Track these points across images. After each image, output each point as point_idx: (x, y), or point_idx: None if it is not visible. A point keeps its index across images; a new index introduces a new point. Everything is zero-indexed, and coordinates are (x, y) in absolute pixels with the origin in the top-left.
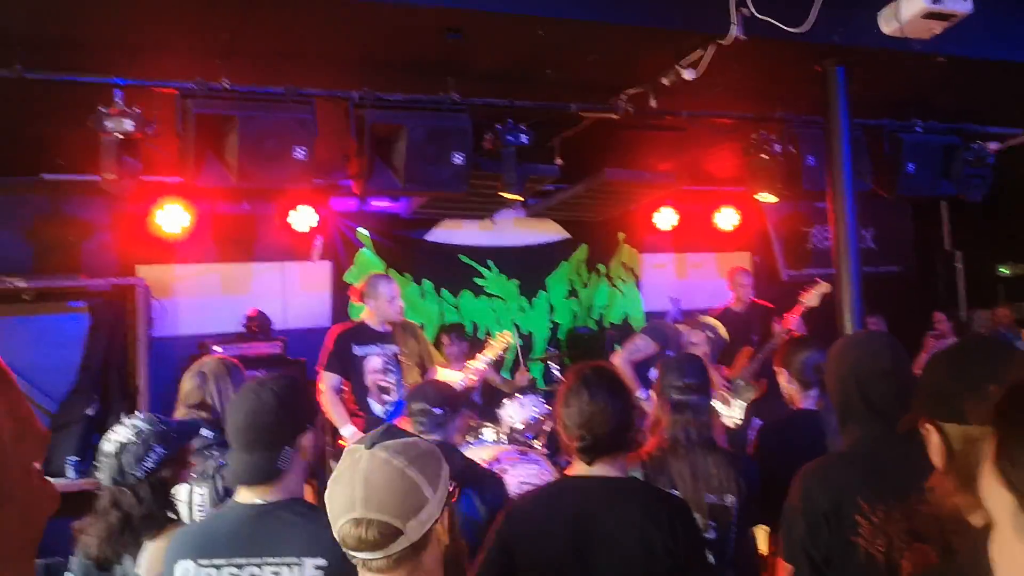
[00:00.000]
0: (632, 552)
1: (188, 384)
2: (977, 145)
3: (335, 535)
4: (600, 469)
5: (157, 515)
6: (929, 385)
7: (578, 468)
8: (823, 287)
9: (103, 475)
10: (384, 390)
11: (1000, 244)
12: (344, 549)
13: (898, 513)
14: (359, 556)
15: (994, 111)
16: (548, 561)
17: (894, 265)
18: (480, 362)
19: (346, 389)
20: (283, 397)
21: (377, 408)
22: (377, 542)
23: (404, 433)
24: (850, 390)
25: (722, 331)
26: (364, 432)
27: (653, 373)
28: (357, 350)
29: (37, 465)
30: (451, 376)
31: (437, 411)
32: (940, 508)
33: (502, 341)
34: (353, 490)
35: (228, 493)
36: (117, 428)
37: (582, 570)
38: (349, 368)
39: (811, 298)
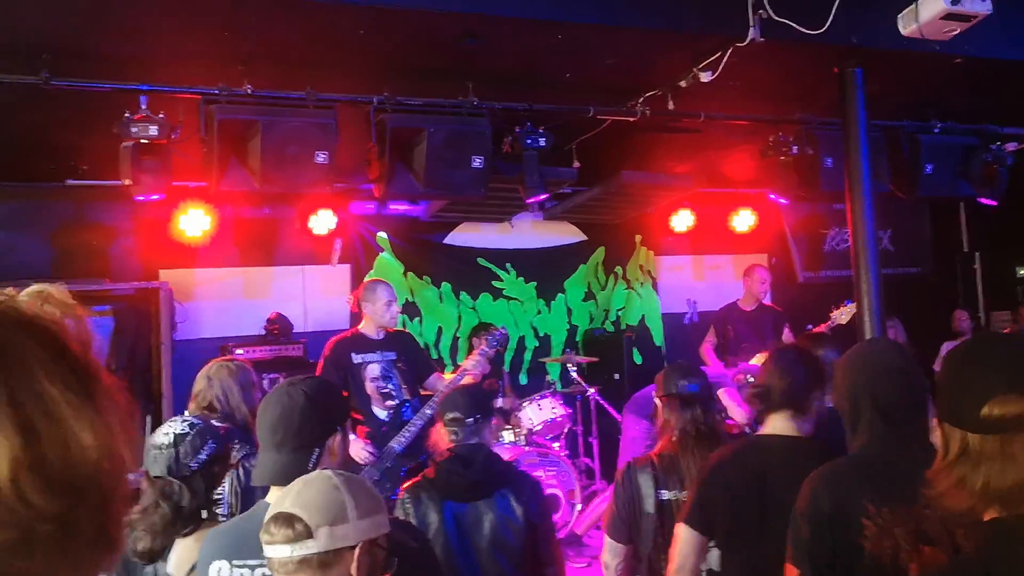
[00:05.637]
0: None
1: (199, 385)
2: (995, 146)
3: None
4: (784, 426)
5: (202, 510)
6: (939, 383)
7: (767, 426)
8: (853, 308)
9: (156, 467)
10: (386, 396)
11: (1019, 245)
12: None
13: (904, 515)
14: (267, 550)
15: (1012, 112)
16: (735, 513)
17: (912, 267)
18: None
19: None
20: (314, 398)
21: (381, 414)
22: (286, 537)
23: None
24: (860, 393)
25: None
26: (368, 439)
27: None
28: (356, 358)
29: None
30: (448, 378)
31: (469, 420)
32: (938, 507)
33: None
34: (292, 488)
35: (249, 484)
36: (167, 424)
37: (760, 525)
38: (348, 377)
39: (841, 315)
